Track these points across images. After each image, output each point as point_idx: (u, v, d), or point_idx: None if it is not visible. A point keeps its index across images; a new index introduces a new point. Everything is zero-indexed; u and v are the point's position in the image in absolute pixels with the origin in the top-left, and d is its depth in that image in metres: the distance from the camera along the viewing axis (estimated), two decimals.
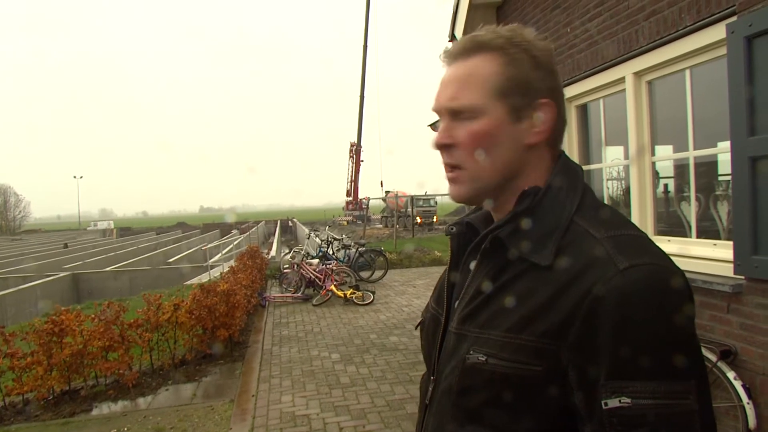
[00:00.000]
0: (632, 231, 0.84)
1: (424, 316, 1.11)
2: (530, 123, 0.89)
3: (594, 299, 0.76)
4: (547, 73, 0.90)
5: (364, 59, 43.79)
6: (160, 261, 24.66)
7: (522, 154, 0.90)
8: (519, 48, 0.88)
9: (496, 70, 0.87)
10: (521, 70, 0.88)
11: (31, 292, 15.48)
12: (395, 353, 6.69)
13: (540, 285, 0.82)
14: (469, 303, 0.91)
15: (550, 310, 0.79)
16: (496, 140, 0.88)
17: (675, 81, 3.64)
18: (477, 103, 0.88)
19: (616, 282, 0.75)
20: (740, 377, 2.99)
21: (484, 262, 0.91)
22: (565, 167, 0.93)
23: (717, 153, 3.80)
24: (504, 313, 0.84)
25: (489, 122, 0.88)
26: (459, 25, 5.92)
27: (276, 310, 9.79)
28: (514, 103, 0.88)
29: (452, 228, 1.03)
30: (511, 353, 0.81)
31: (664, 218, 4.63)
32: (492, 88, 0.87)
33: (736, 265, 2.98)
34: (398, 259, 15.00)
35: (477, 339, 0.86)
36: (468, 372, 0.86)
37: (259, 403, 5.22)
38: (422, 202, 36.55)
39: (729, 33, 2.92)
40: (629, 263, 0.76)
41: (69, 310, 5.77)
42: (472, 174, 0.90)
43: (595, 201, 0.90)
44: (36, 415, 5.19)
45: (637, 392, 0.73)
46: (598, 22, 4.12)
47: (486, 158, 0.89)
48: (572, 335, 0.77)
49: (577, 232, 0.84)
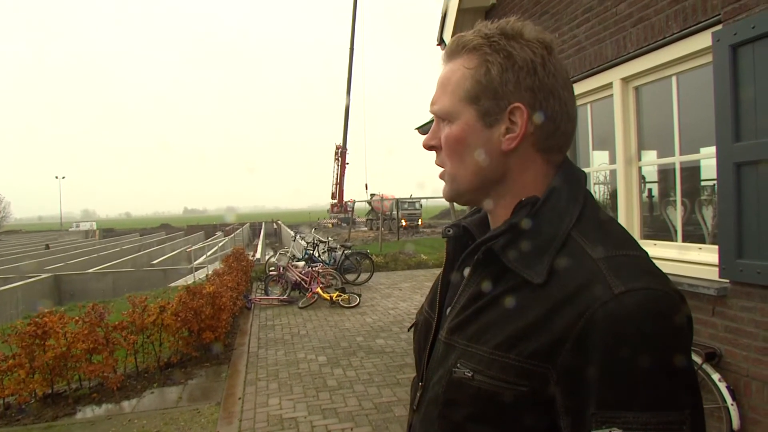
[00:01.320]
0: (631, 251, 0.80)
1: (418, 318, 1.09)
2: (506, 128, 0.85)
3: (586, 323, 0.73)
4: (527, 73, 0.84)
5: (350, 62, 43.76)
6: (144, 262, 24.44)
7: (500, 159, 0.87)
8: (494, 48, 0.84)
9: (468, 74, 0.86)
10: (492, 73, 0.84)
11: (11, 294, 15.24)
12: (382, 356, 6.69)
13: (531, 303, 0.79)
14: (459, 313, 0.89)
15: (541, 331, 0.77)
16: (467, 145, 0.87)
17: (662, 87, 3.69)
18: (449, 108, 0.88)
19: (610, 307, 0.72)
20: (725, 379, 3.04)
21: (476, 272, 0.89)
22: (567, 175, 0.89)
23: (702, 158, 3.85)
24: (493, 329, 0.82)
25: (460, 127, 0.87)
26: (447, 29, 5.95)
27: (262, 313, 9.74)
28: (485, 107, 0.85)
29: (449, 230, 1.00)
30: (497, 371, 0.79)
31: (650, 222, 4.69)
32: (463, 93, 0.86)
33: (721, 268, 3.03)
34: (384, 262, 15.01)
35: (464, 352, 0.84)
36: (454, 385, 0.84)
37: (245, 406, 5.19)
38: (407, 204, 36.64)
39: (714, 41, 2.98)
40: (625, 287, 0.73)
41: (52, 312, 5.69)
42: (450, 176, 0.91)
43: (595, 213, 0.86)
44: (17, 419, 5.10)
45: (629, 423, 0.70)
46: (586, 28, 4.17)
47: (460, 162, 0.89)
48: (562, 358, 0.75)
49: (573, 249, 0.80)
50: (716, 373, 3.06)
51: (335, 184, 47.29)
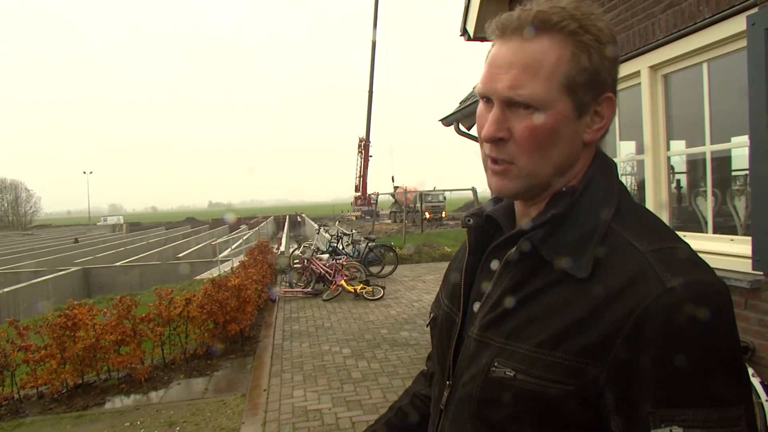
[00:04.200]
0: (676, 243, 0.78)
1: (435, 312, 1.04)
2: (591, 118, 0.82)
3: (639, 318, 0.70)
4: (613, 64, 0.82)
5: (372, 55, 43.70)
6: (170, 256, 24.79)
7: (577, 151, 0.84)
8: (591, 35, 0.78)
9: (568, 60, 0.78)
10: (593, 61, 0.79)
11: (42, 287, 15.62)
12: (406, 348, 6.68)
13: (576, 298, 0.76)
14: (493, 308, 0.84)
15: (588, 327, 0.74)
16: (558, 137, 0.80)
17: (692, 75, 3.59)
18: (543, 96, 0.78)
19: (663, 301, 0.70)
20: (758, 374, 2.96)
21: (510, 265, 0.84)
22: (603, 164, 0.86)
23: (733, 147, 3.75)
24: (534, 326, 0.79)
25: (554, 118, 0.79)
26: (471, 19, 5.88)
27: (286, 305, 9.81)
28: (581, 97, 0.80)
29: (469, 220, 0.95)
30: (542, 370, 0.76)
31: (678, 213, 4.59)
32: (561, 80, 0.78)
33: (755, 260, 2.94)
34: (407, 255, 15.00)
35: (502, 350, 0.81)
36: (491, 385, 0.81)
37: (270, 397, 5.24)
38: (431, 197, 36.52)
39: (749, 25, 2.88)
40: (677, 281, 0.71)
41: (81, 304, 5.80)
42: (526, 171, 0.82)
43: (632, 204, 0.84)
44: (50, 408, 5.23)
45: (689, 421, 0.68)
46: (613, 15, 4.08)
47: (543, 155, 0.81)
48: (612, 356, 0.72)
49: (616, 242, 0.78)
50: (749, 369, 2.98)
51: (359, 176, 47.37)
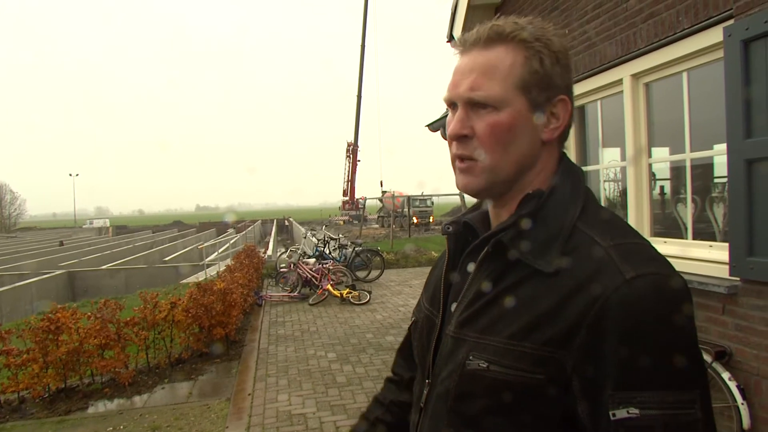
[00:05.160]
0: (636, 239, 0.84)
1: (416, 316, 1.09)
2: (548, 118, 0.89)
3: (601, 308, 0.75)
4: (565, 70, 0.90)
5: (361, 59, 43.82)
6: (156, 259, 24.61)
7: (536, 150, 0.90)
8: (541, 43, 0.87)
9: (521, 63, 0.86)
10: (544, 65, 0.87)
11: (26, 290, 15.44)
12: (391, 352, 6.68)
13: (544, 292, 0.81)
14: (468, 306, 0.89)
15: (555, 318, 0.79)
16: (515, 133, 0.87)
17: (672, 83, 3.66)
18: (500, 94, 0.86)
19: (623, 291, 0.75)
20: (735, 378, 3.01)
21: (484, 265, 0.90)
22: (568, 169, 0.93)
23: (713, 155, 3.81)
24: (505, 319, 0.83)
25: (510, 115, 0.86)
26: (458, 25, 5.92)
27: (272, 310, 9.79)
28: (535, 97, 0.87)
29: (449, 227, 1.01)
30: (513, 360, 0.81)
31: (660, 220, 4.65)
32: (515, 81, 0.86)
33: (732, 266, 3.00)
34: (394, 259, 15.01)
35: (476, 344, 0.85)
36: (467, 378, 0.85)
37: (255, 401, 5.22)
38: (419, 202, 36.59)
39: (726, 36, 2.94)
40: (636, 272, 0.76)
41: (65, 308, 5.76)
42: (488, 166, 0.88)
43: (596, 205, 0.90)
44: (31, 413, 5.18)
45: (646, 403, 0.72)
46: (596, 24, 4.14)
47: (504, 151, 0.87)
48: (577, 344, 0.77)
49: (581, 239, 0.83)
50: (726, 372, 3.03)
51: (347, 181, 47.39)
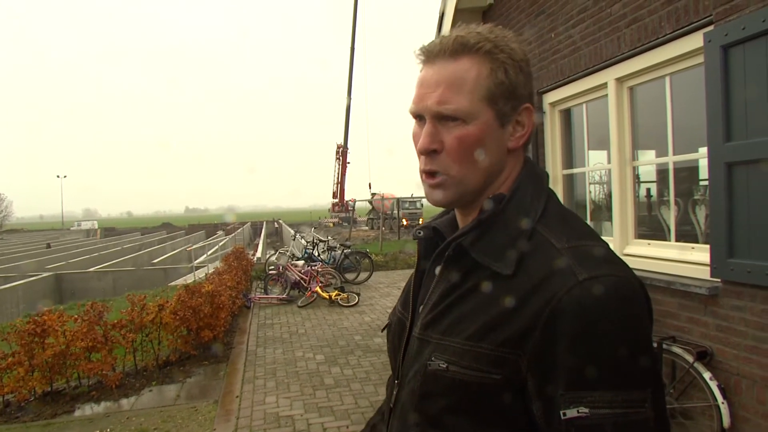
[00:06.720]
0: (593, 242, 0.85)
1: (390, 319, 1.11)
2: (513, 127, 0.90)
3: (554, 309, 0.76)
4: (528, 79, 0.91)
5: (351, 61, 43.76)
6: (145, 262, 24.48)
7: (503, 158, 0.92)
8: (505, 54, 0.88)
9: (487, 75, 0.87)
10: (509, 75, 0.88)
11: (12, 293, 15.29)
12: (379, 354, 6.70)
13: (501, 294, 0.82)
14: (433, 309, 0.91)
15: (511, 319, 0.80)
16: (484, 145, 0.88)
17: (656, 87, 3.71)
18: (468, 107, 0.86)
19: (575, 293, 0.76)
20: (716, 378, 3.06)
21: (447, 269, 0.92)
22: (530, 173, 0.94)
23: (696, 158, 3.87)
24: (466, 321, 0.85)
25: (479, 128, 0.87)
26: (445, 29, 5.96)
27: (261, 312, 9.77)
28: (501, 108, 0.88)
29: (419, 232, 1.02)
30: (471, 361, 0.82)
31: (645, 222, 4.71)
32: (482, 93, 0.86)
33: (713, 268, 3.05)
34: (383, 261, 15.02)
35: (438, 345, 0.87)
36: (430, 378, 0.87)
37: (243, 404, 5.22)
38: (408, 204, 36.62)
39: (706, 42, 3.00)
40: (588, 274, 0.77)
41: (51, 311, 5.72)
42: (457, 178, 0.89)
43: (558, 208, 0.92)
44: (16, 417, 5.13)
45: (595, 402, 0.74)
46: (581, 29, 4.19)
47: (472, 163, 0.88)
48: (531, 345, 0.78)
49: (539, 242, 0.84)
50: (707, 372, 3.08)
51: (336, 183, 47.30)
